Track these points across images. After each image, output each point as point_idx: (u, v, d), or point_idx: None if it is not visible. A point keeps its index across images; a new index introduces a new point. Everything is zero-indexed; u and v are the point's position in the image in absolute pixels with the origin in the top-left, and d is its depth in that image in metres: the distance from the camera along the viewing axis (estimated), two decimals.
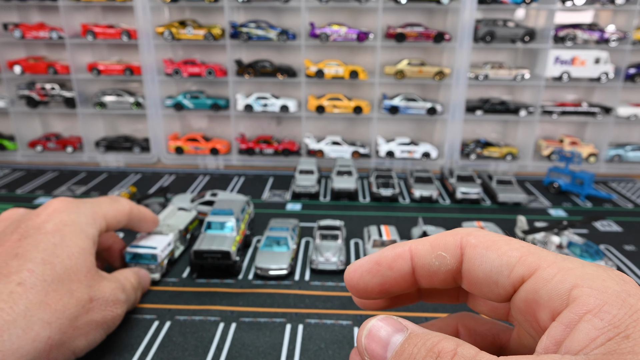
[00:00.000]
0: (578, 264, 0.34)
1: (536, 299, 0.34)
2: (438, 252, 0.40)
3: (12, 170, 2.15)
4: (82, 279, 0.85)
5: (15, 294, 0.74)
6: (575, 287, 0.32)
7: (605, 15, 2.23)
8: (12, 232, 0.86)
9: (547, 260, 0.35)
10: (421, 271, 0.41)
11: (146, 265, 1.20)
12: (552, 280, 0.33)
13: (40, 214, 0.90)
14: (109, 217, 1.02)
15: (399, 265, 0.42)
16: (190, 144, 2.28)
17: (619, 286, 0.31)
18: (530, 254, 0.36)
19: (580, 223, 1.38)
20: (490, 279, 0.37)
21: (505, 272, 0.36)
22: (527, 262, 0.35)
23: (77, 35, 2.21)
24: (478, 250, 0.38)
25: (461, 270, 0.40)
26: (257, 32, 2.13)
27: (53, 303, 0.78)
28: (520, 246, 0.37)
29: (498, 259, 0.37)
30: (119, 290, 0.95)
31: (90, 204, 1.00)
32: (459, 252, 0.40)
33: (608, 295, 0.31)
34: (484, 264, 0.38)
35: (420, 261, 0.41)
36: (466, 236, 0.40)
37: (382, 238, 1.36)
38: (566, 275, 0.33)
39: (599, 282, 0.32)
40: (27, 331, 0.73)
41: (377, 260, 0.42)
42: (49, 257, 0.82)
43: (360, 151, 2.25)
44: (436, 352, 0.33)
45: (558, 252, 1.41)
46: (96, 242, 0.96)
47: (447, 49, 2.21)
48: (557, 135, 2.41)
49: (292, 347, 0.97)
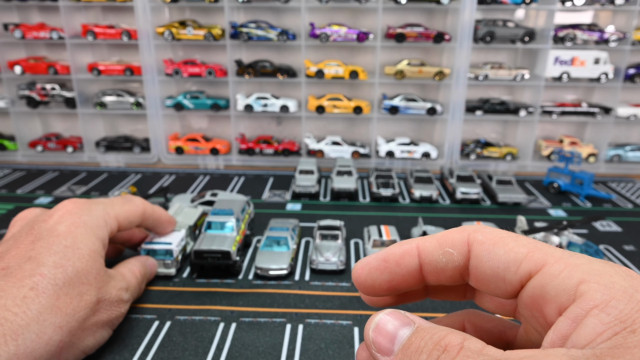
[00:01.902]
0: (585, 259, 0.34)
1: (543, 294, 0.34)
2: (445, 249, 0.40)
3: (12, 170, 2.15)
4: (91, 281, 0.87)
5: (28, 299, 0.76)
6: (582, 282, 0.32)
7: (605, 16, 2.23)
8: (27, 234, 0.88)
9: (554, 256, 0.35)
10: (428, 268, 0.41)
11: (162, 260, 1.21)
12: (559, 276, 0.33)
13: (53, 215, 0.92)
14: (121, 218, 1.04)
15: (406, 262, 0.42)
16: (190, 144, 2.28)
17: (626, 282, 0.32)
18: (538, 250, 0.36)
19: (579, 223, 1.38)
20: (497, 275, 0.38)
21: (512, 268, 0.37)
22: (535, 258, 0.36)
23: (77, 35, 2.21)
24: (485, 247, 0.39)
25: (468, 266, 0.40)
26: (257, 32, 2.13)
27: (64, 307, 0.80)
28: (528, 242, 0.37)
29: (505, 255, 0.37)
30: (123, 291, 0.97)
31: (102, 205, 1.01)
32: (466, 248, 0.40)
33: (615, 290, 0.31)
34: (491, 260, 0.38)
35: (427, 258, 0.41)
36: (473, 233, 0.40)
37: (382, 238, 1.36)
38: (573, 271, 0.33)
39: (606, 277, 0.32)
40: (40, 335, 0.75)
41: (384, 257, 0.43)
42: (61, 260, 0.84)
43: (360, 151, 2.26)
44: (443, 346, 0.33)
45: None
46: (106, 243, 0.98)
47: (447, 49, 2.21)
48: (557, 136, 2.41)
49: (292, 347, 0.98)
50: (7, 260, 0.81)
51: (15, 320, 0.72)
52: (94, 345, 0.89)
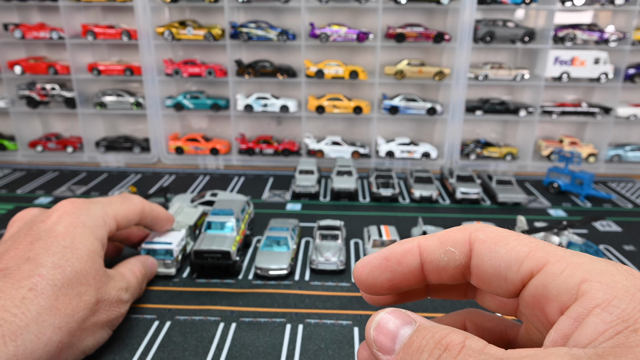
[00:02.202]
0: (587, 258, 0.34)
1: (545, 293, 0.34)
2: (447, 248, 0.40)
3: (12, 170, 2.15)
4: (90, 282, 0.87)
5: (27, 300, 0.76)
6: (584, 281, 0.32)
7: (605, 16, 2.23)
8: (25, 235, 0.87)
9: (555, 255, 0.35)
10: (430, 267, 0.41)
11: (162, 260, 1.21)
12: (561, 275, 0.33)
13: (51, 216, 0.92)
14: (120, 217, 1.04)
15: (407, 261, 0.42)
16: (190, 144, 2.28)
17: (628, 281, 0.31)
18: (539, 249, 0.36)
19: (579, 223, 1.38)
20: (499, 274, 0.38)
21: (514, 267, 0.36)
22: (536, 257, 0.36)
23: (77, 35, 2.21)
24: (487, 246, 0.38)
25: (470, 265, 0.40)
26: (257, 32, 2.13)
27: (63, 307, 0.80)
28: (529, 241, 0.37)
29: (507, 254, 0.37)
30: (123, 291, 0.97)
31: (101, 204, 1.01)
32: (468, 247, 0.40)
33: (617, 289, 0.31)
34: (492, 259, 0.38)
35: (429, 257, 0.41)
36: (475, 232, 0.40)
37: (382, 238, 1.36)
38: (575, 270, 0.33)
39: (608, 276, 0.32)
40: (39, 336, 0.75)
41: (386, 256, 0.43)
42: (59, 261, 0.83)
43: (360, 151, 2.26)
44: (444, 345, 0.33)
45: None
46: (105, 243, 0.98)
47: (447, 49, 2.21)
48: (557, 136, 2.41)
49: (292, 347, 0.98)
50: (5, 261, 0.81)
51: (14, 321, 0.72)
52: (94, 346, 0.89)
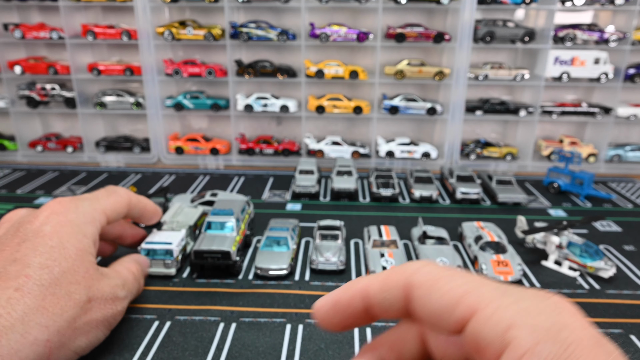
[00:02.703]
0: (515, 297, 0.34)
1: (479, 341, 0.34)
2: (387, 291, 0.40)
3: (12, 170, 2.15)
4: (80, 280, 0.86)
5: (13, 300, 0.75)
6: (511, 327, 0.32)
7: (605, 16, 2.23)
8: (13, 236, 0.87)
9: (484, 299, 0.34)
10: (376, 308, 0.42)
11: (162, 260, 1.21)
12: (490, 322, 0.33)
13: (39, 216, 0.90)
14: (108, 211, 1.02)
15: (355, 304, 0.42)
16: (190, 144, 2.28)
17: (549, 320, 0.31)
18: (469, 292, 0.35)
19: (579, 223, 1.38)
20: (436, 319, 0.37)
21: (446, 314, 0.36)
22: (468, 303, 0.35)
23: (77, 35, 2.21)
24: (422, 291, 0.38)
25: (410, 308, 0.40)
26: (257, 32, 2.13)
27: (50, 307, 0.79)
28: (463, 283, 0.37)
29: (440, 299, 0.37)
30: (118, 288, 0.95)
31: (88, 200, 1.00)
32: (405, 292, 0.39)
33: (539, 333, 0.31)
34: (427, 305, 0.38)
35: (374, 299, 0.41)
36: (412, 275, 0.39)
37: (382, 238, 1.36)
38: (502, 314, 0.33)
39: (531, 318, 0.32)
40: (25, 335, 0.74)
41: (336, 300, 0.43)
42: (47, 261, 0.82)
43: (360, 151, 2.26)
44: None
45: (557, 253, 1.38)
46: (96, 240, 0.96)
47: (447, 49, 2.21)
48: (557, 136, 2.41)
49: (292, 347, 0.98)
50: None
51: (0, 322, 0.72)
52: (87, 346, 0.87)
